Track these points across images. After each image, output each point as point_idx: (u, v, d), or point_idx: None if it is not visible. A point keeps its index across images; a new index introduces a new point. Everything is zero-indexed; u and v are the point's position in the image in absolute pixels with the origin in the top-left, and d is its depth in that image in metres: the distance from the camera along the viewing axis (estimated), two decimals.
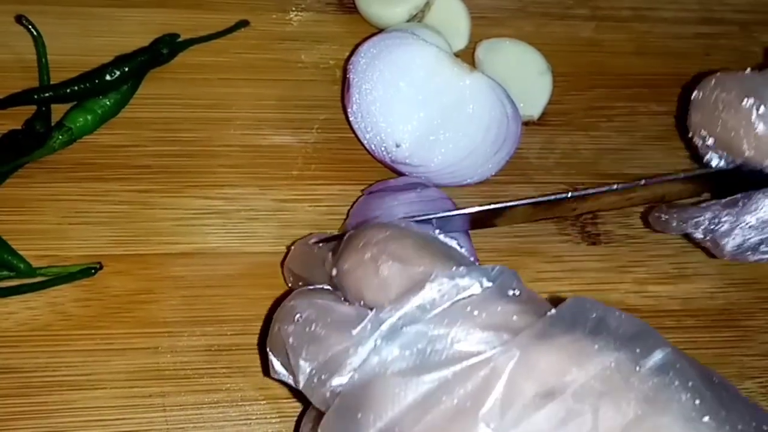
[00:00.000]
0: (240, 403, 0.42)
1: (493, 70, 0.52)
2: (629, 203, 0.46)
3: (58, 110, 0.48)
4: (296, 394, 0.41)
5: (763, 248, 0.42)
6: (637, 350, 0.27)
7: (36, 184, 0.46)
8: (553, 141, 0.53)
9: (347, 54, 0.53)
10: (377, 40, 0.47)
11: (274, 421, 0.42)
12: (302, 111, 0.51)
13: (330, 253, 0.36)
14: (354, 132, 0.48)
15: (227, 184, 0.48)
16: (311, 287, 0.36)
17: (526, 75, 0.53)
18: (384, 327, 0.29)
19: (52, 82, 0.48)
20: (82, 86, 0.47)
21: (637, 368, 0.26)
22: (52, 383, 0.41)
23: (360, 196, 0.48)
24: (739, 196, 0.42)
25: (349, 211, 0.48)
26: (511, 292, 0.30)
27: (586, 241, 0.50)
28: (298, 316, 0.33)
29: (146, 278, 0.44)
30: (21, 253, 0.43)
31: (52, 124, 0.47)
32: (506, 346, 0.27)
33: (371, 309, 0.31)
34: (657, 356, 0.27)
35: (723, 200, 0.43)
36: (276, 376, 0.34)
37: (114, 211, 0.46)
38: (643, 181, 0.43)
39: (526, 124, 0.52)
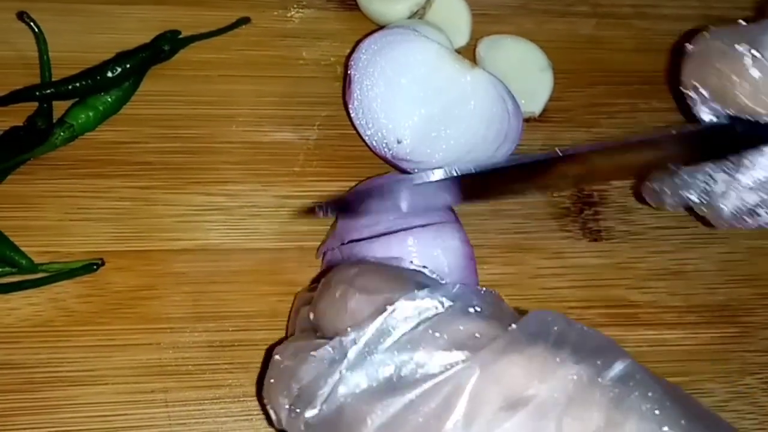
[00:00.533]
0: (242, 399, 0.42)
1: (495, 67, 0.52)
2: (620, 172, 0.44)
3: (59, 107, 0.48)
4: None
5: (761, 211, 0.40)
6: (598, 362, 0.27)
7: (38, 181, 0.46)
8: (554, 138, 0.54)
9: (348, 51, 0.53)
10: (378, 36, 0.48)
11: None
12: (303, 108, 0.51)
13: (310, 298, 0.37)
14: (355, 128, 0.48)
15: (229, 181, 0.48)
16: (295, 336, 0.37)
17: (527, 72, 0.54)
18: (350, 356, 0.29)
19: (53, 79, 0.48)
20: (83, 83, 0.47)
21: (599, 380, 0.27)
22: (54, 379, 0.41)
23: (335, 222, 0.47)
24: (733, 156, 0.40)
25: (328, 232, 0.47)
26: (471, 310, 0.30)
27: (587, 237, 0.50)
28: (277, 357, 0.33)
29: (148, 274, 0.44)
30: (23, 249, 0.43)
31: (54, 120, 0.47)
32: (467, 363, 0.27)
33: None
34: (618, 367, 0.27)
35: (716, 161, 0.41)
36: (279, 426, 0.34)
37: (116, 207, 0.46)
38: (634, 139, 0.40)
39: (527, 120, 0.52)
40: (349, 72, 0.48)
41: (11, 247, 0.43)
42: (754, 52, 0.39)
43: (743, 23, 0.41)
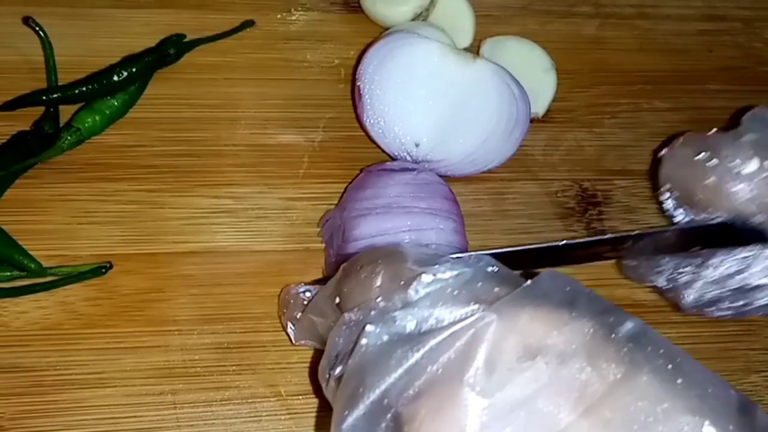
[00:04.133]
0: (250, 401, 0.42)
1: None
2: (617, 254, 0.48)
3: (66, 111, 0.48)
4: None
5: (721, 305, 0.44)
6: (611, 320, 0.28)
7: (45, 185, 0.46)
8: (557, 138, 0.54)
9: (352, 53, 0.53)
10: (381, 45, 0.48)
11: (283, 418, 0.42)
12: (308, 110, 0.52)
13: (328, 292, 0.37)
14: (364, 131, 0.49)
15: (235, 183, 0.48)
16: None
17: (530, 72, 0.54)
18: (373, 313, 0.30)
19: (59, 83, 0.49)
20: (89, 87, 0.48)
21: (612, 335, 0.27)
22: (63, 382, 0.41)
23: (358, 174, 0.48)
24: (703, 251, 0.44)
25: (347, 186, 0.48)
26: (489, 269, 0.31)
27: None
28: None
29: (156, 277, 0.45)
30: (31, 253, 0.43)
31: (61, 125, 0.48)
32: (484, 313, 0.27)
33: None
34: (629, 325, 0.28)
35: (686, 253, 0.45)
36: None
37: (123, 210, 0.46)
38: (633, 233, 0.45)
39: (531, 121, 0.52)
40: (357, 84, 0.48)
41: (20, 251, 0.43)
42: (714, 160, 0.44)
43: (711, 133, 0.46)
